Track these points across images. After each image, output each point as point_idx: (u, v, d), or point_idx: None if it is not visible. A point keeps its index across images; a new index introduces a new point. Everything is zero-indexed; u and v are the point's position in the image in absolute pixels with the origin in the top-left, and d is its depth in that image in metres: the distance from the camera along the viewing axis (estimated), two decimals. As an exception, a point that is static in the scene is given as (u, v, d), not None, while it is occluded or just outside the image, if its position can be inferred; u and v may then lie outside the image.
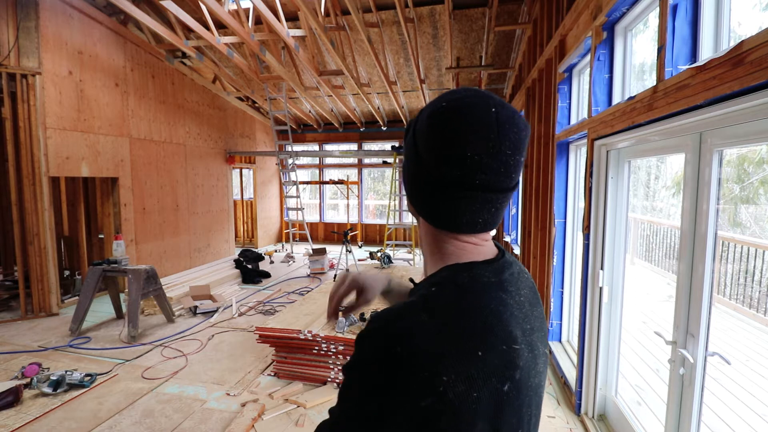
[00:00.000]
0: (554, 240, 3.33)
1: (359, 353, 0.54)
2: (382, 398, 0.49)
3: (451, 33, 5.71)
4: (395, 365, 0.49)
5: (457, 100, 0.57)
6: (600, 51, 2.37)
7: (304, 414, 2.70)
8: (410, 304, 0.55)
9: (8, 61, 4.32)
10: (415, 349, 0.49)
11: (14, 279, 5.52)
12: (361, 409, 0.52)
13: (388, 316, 0.54)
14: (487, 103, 0.56)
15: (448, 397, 0.48)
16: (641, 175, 10.60)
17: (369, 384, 0.51)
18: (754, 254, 4.57)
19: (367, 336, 0.53)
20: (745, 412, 2.67)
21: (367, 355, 0.52)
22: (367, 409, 0.51)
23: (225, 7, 4.66)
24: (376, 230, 10.10)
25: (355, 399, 0.53)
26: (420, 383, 0.48)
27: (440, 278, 0.59)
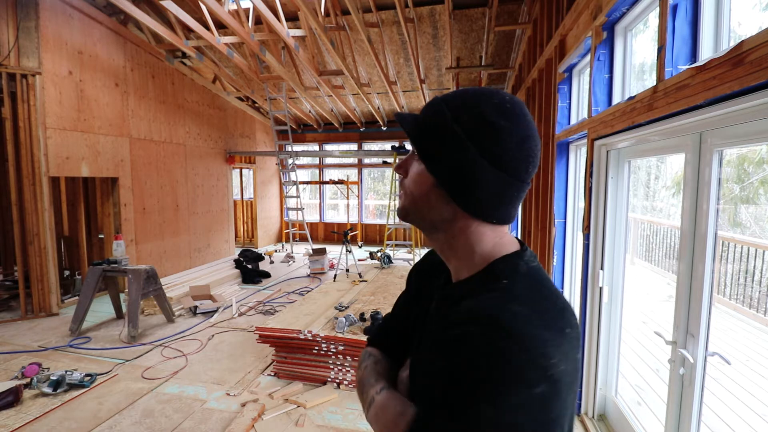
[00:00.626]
0: (554, 240, 3.32)
1: (467, 355, 0.51)
2: (500, 398, 0.50)
3: (451, 33, 5.71)
4: (507, 359, 0.50)
5: (512, 98, 0.62)
6: (600, 51, 2.37)
7: (304, 414, 2.70)
8: (494, 300, 0.56)
9: (8, 61, 4.32)
10: (522, 339, 0.51)
11: (14, 279, 5.52)
12: (479, 412, 0.50)
13: (480, 314, 0.54)
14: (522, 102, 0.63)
15: (555, 378, 0.51)
16: (641, 175, 10.60)
17: (485, 385, 0.50)
18: (754, 254, 4.57)
19: (468, 337, 0.52)
20: (745, 412, 2.67)
21: (475, 355, 0.51)
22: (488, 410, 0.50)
23: (225, 7, 4.66)
24: (376, 230, 10.10)
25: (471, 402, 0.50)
26: (534, 370, 0.50)
27: (501, 271, 0.61)
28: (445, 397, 0.52)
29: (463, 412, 0.50)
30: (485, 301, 0.56)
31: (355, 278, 5.03)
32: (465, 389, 0.51)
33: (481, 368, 0.50)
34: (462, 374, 0.51)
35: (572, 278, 3.35)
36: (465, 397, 0.51)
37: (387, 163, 9.74)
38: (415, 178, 0.65)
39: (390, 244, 8.61)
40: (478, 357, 0.51)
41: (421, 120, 0.64)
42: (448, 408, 0.52)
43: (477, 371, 0.50)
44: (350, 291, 4.27)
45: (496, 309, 0.54)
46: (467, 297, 0.60)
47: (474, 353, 0.51)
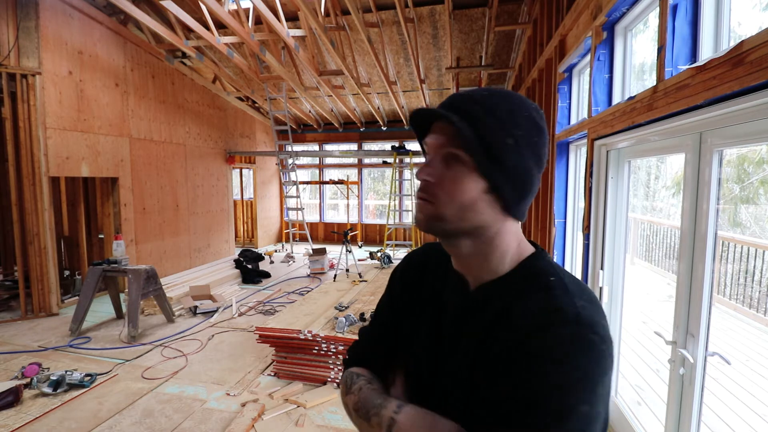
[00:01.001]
0: (554, 240, 3.32)
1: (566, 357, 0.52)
2: (594, 393, 0.52)
3: (451, 33, 5.71)
4: (598, 353, 0.52)
5: (534, 102, 0.64)
6: (600, 51, 2.37)
7: (304, 414, 2.70)
8: (563, 297, 0.56)
9: (8, 61, 4.32)
10: (600, 330, 0.54)
11: (14, 279, 5.52)
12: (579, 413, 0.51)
13: (564, 315, 0.54)
14: None
15: (612, 362, 0.54)
16: (641, 175, 10.60)
17: (584, 383, 0.52)
18: (754, 254, 4.57)
19: (561, 339, 0.53)
20: (745, 412, 2.67)
21: (574, 356, 0.52)
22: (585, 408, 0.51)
23: (225, 7, 4.66)
24: (376, 230, 10.10)
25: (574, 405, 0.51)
26: (609, 358, 0.53)
27: (542, 268, 0.62)
28: (547, 409, 0.51)
29: (566, 419, 0.50)
30: (556, 301, 0.56)
31: (355, 278, 5.03)
32: (569, 395, 0.51)
33: (582, 368, 0.51)
34: (568, 379, 0.51)
35: (572, 278, 3.34)
36: (569, 404, 0.51)
37: (387, 163, 9.74)
38: (459, 185, 0.59)
39: (390, 244, 8.61)
40: (580, 357, 0.52)
41: (473, 116, 0.58)
42: (550, 420, 0.50)
43: (579, 371, 0.51)
44: (350, 291, 4.27)
45: (572, 306, 0.55)
46: (518, 299, 0.59)
47: (574, 354, 0.52)
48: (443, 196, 0.60)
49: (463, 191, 0.59)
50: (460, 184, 0.59)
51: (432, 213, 0.61)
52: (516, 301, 0.59)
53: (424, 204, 0.62)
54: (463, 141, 0.59)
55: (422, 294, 0.75)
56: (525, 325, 0.55)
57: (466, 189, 0.59)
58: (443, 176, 0.60)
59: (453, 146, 0.60)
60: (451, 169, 0.60)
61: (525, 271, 0.63)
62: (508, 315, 0.58)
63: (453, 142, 0.60)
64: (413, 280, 0.78)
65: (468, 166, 0.59)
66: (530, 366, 0.52)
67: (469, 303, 0.66)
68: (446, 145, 0.61)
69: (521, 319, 0.56)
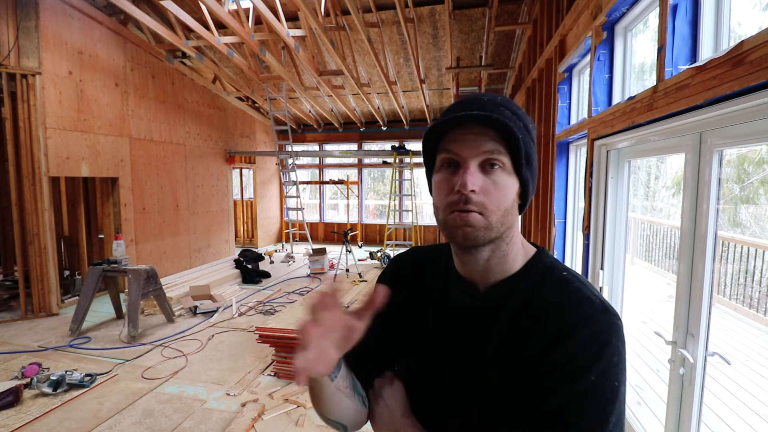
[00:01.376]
0: (554, 240, 3.32)
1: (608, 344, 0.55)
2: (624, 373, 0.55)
3: (451, 33, 5.71)
4: (622, 333, 0.57)
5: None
6: (600, 51, 2.37)
7: (304, 414, 2.70)
8: (584, 289, 0.60)
9: (8, 61, 4.32)
10: (617, 315, 0.58)
11: (14, 279, 5.52)
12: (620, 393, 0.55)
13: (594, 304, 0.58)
14: None
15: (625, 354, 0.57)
16: (641, 175, 10.60)
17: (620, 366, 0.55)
18: (754, 254, 4.57)
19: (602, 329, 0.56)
20: (745, 412, 2.67)
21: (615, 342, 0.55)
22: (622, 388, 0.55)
23: (225, 7, 4.66)
24: (376, 230, 10.10)
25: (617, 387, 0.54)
26: (624, 340, 0.57)
27: (552, 264, 0.65)
28: (601, 398, 0.53)
29: (614, 403, 0.54)
30: (581, 293, 0.59)
31: (355, 278, 5.04)
32: (614, 380, 0.54)
33: (619, 352, 0.55)
34: (610, 365, 0.54)
35: (572, 278, 3.34)
36: (614, 388, 0.54)
37: (387, 163, 9.74)
38: (505, 191, 0.59)
39: (390, 244, 8.60)
40: (617, 343, 0.55)
41: (511, 121, 0.58)
42: (606, 409, 0.53)
43: (617, 356, 0.55)
44: (350, 291, 4.27)
45: (596, 296, 0.59)
46: (538, 294, 0.61)
47: (613, 341, 0.55)
48: (491, 204, 0.59)
49: (507, 196, 0.60)
50: (504, 189, 0.59)
51: (483, 224, 0.59)
52: (537, 298, 0.60)
53: (471, 216, 0.58)
54: (510, 144, 0.59)
55: (419, 297, 0.73)
56: (562, 321, 0.57)
57: (509, 193, 0.60)
58: (486, 184, 0.59)
59: (497, 150, 0.59)
60: (490, 175, 0.59)
61: (536, 267, 0.64)
62: (534, 312, 0.59)
63: (494, 147, 0.59)
64: (406, 282, 0.76)
65: (506, 169, 0.60)
66: (575, 359, 0.54)
67: (482, 305, 0.65)
68: (488, 151, 0.59)
69: (555, 315, 0.58)
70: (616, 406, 0.54)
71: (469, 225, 0.58)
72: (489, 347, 0.62)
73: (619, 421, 0.54)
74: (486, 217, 0.59)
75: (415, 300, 0.74)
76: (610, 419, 0.53)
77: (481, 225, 0.59)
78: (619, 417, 0.54)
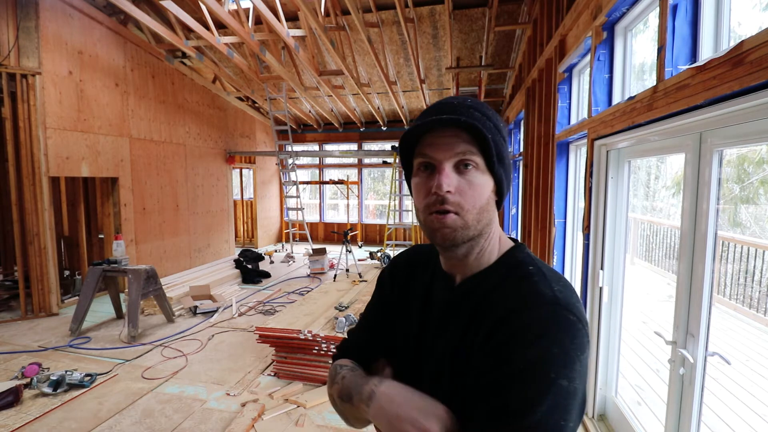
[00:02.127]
0: (554, 240, 3.32)
1: (547, 334, 0.55)
2: (572, 368, 0.54)
3: (451, 33, 5.71)
4: (575, 331, 0.56)
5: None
6: (600, 51, 2.37)
7: (304, 414, 2.70)
8: (542, 282, 0.60)
9: (8, 61, 4.32)
10: (576, 311, 0.57)
11: (14, 279, 5.52)
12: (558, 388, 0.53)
13: (542, 297, 0.58)
14: None
15: (589, 343, 0.58)
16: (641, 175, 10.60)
17: (563, 359, 0.54)
18: (754, 254, 4.57)
19: (541, 319, 0.56)
20: (745, 412, 2.67)
21: (553, 333, 0.55)
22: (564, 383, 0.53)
23: (225, 7, 4.66)
24: (376, 230, 10.10)
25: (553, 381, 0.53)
26: (586, 336, 0.57)
27: (522, 259, 0.66)
28: (528, 383, 0.53)
29: (546, 393, 0.52)
30: (536, 286, 0.59)
31: (355, 278, 5.03)
32: (548, 369, 0.53)
33: (560, 343, 0.54)
34: (546, 353, 0.54)
35: (572, 278, 3.35)
36: (548, 377, 0.53)
37: (387, 163, 9.74)
38: (480, 189, 0.62)
39: (390, 244, 8.60)
40: (556, 333, 0.55)
41: (488, 123, 0.62)
42: (532, 394, 0.52)
43: (557, 347, 0.54)
44: (350, 291, 4.27)
45: (550, 290, 0.58)
46: (499, 287, 0.63)
47: (552, 331, 0.55)
48: (466, 203, 0.61)
49: (481, 194, 0.62)
50: (478, 187, 0.62)
51: (460, 223, 0.61)
52: (496, 289, 0.63)
53: (448, 217, 0.61)
54: (481, 144, 0.61)
55: (411, 292, 0.78)
56: (505, 308, 0.59)
57: (484, 191, 0.63)
58: (461, 184, 0.62)
59: (469, 151, 0.61)
60: (465, 175, 0.62)
61: (506, 262, 0.66)
62: (489, 302, 0.62)
63: (467, 148, 0.61)
64: (402, 280, 0.81)
65: (480, 168, 0.62)
66: (510, 344, 0.55)
67: (454, 297, 0.69)
68: (461, 152, 0.61)
69: (501, 303, 0.60)
70: (549, 398, 0.52)
71: (447, 226, 0.61)
72: (454, 338, 0.65)
73: (563, 418, 0.52)
74: (462, 217, 0.61)
75: (408, 295, 0.79)
76: (538, 409, 0.51)
77: (458, 225, 0.61)
78: (564, 412, 0.52)
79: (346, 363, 0.79)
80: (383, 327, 0.81)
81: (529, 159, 4.13)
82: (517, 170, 6.00)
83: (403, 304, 0.79)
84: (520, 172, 4.94)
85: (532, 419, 0.51)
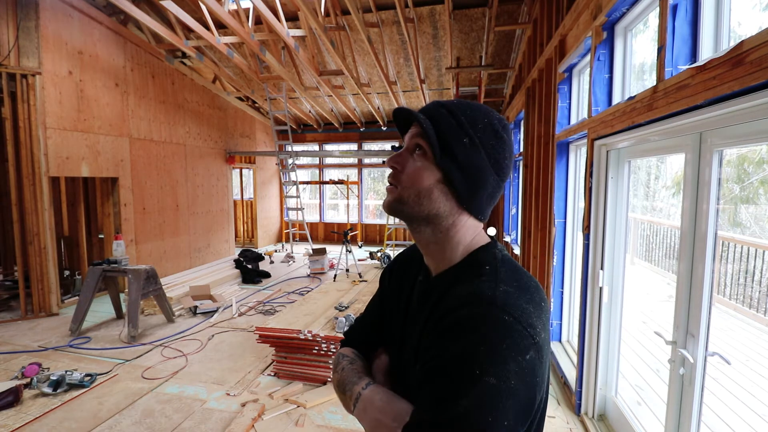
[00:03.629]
0: (554, 240, 3.32)
1: (475, 332, 0.56)
2: (502, 366, 0.54)
3: (451, 33, 5.71)
4: (508, 331, 0.56)
5: (500, 116, 0.72)
6: (600, 51, 2.37)
7: (304, 414, 2.70)
8: (487, 282, 0.63)
9: (8, 61, 4.32)
10: (515, 313, 0.58)
11: (14, 279, 5.52)
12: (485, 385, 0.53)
13: (480, 296, 0.60)
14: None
15: (539, 345, 0.58)
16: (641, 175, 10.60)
17: (491, 358, 0.54)
18: (754, 254, 4.57)
19: (473, 317, 0.58)
20: (745, 412, 2.67)
21: (483, 331, 0.56)
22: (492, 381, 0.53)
23: (225, 7, 4.66)
24: (376, 230, 10.10)
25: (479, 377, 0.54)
26: (526, 339, 0.57)
27: (483, 259, 0.69)
28: (452, 376, 0.55)
29: (470, 387, 0.53)
30: (480, 285, 0.62)
31: (355, 278, 5.03)
32: (473, 365, 0.54)
33: (488, 341, 0.55)
34: (472, 350, 0.55)
35: (572, 278, 3.35)
36: (473, 373, 0.54)
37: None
38: (419, 172, 0.68)
39: (390, 244, 8.60)
40: (486, 332, 0.56)
41: (437, 117, 0.68)
42: (455, 387, 0.54)
43: (484, 345, 0.55)
44: (350, 291, 4.27)
45: (491, 290, 0.61)
46: (455, 284, 0.66)
47: (481, 329, 0.56)
48: (406, 181, 0.69)
49: (422, 178, 0.68)
50: (420, 171, 0.68)
51: (396, 196, 0.69)
52: (452, 287, 0.66)
53: (390, 188, 0.71)
54: (425, 135, 0.68)
55: (402, 286, 0.85)
56: (448, 305, 0.62)
57: (424, 176, 0.68)
58: (408, 165, 0.69)
59: (417, 137, 0.69)
60: (415, 160, 0.69)
61: (470, 260, 0.70)
62: (444, 298, 0.66)
63: (420, 136, 0.69)
64: (398, 276, 0.88)
65: (428, 158, 0.68)
66: (443, 337, 0.59)
67: (426, 289, 0.74)
68: (413, 136, 0.70)
69: (449, 300, 0.64)
70: (474, 393, 0.52)
71: (389, 193, 0.71)
72: (418, 331, 0.71)
73: (492, 416, 0.52)
74: (400, 192, 0.69)
75: (400, 289, 0.85)
76: (461, 402, 0.53)
77: (395, 197, 0.69)
78: (493, 410, 0.53)
79: (348, 354, 0.86)
80: (381, 320, 0.89)
81: (529, 159, 4.13)
82: (517, 170, 6.00)
83: (395, 297, 0.86)
84: (520, 172, 4.94)
85: (455, 411, 0.53)
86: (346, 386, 0.77)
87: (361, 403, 0.71)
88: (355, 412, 0.72)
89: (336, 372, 0.83)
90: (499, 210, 7.90)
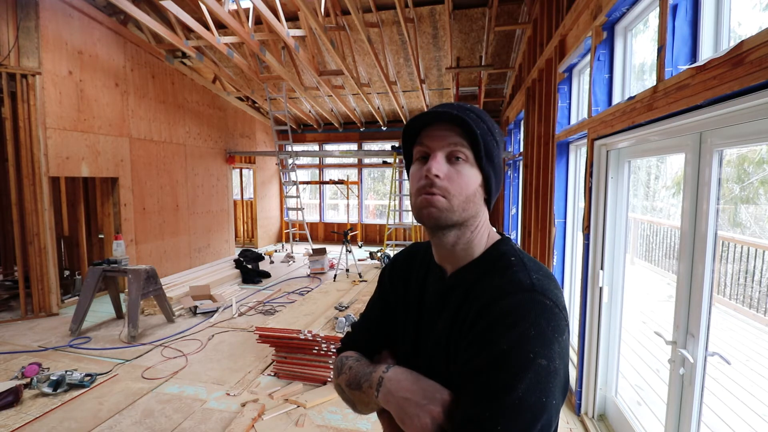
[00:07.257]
0: (554, 240, 3.32)
1: (526, 318, 0.59)
2: (549, 348, 0.58)
3: (451, 33, 5.71)
4: (552, 315, 0.60)
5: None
6: (600, 51, 2.37)
7: (304, 414, 2.70)
8: (521, 272, 0.65)
9: (8, 61, 4.32)
10: (553, 298, 0.62)
11: (14, 279, 5.52)
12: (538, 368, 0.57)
13: (522, 284, 0.63)
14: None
15: (568, 324, 0.63)
16: (641, 175, 10.60)
17: (541, 340, 0.58)
18: (754, 254, 4.57)
19: (521, 304, 0.61)
20: (745, 412, 2.67)
21: (532, 316, 0.59)
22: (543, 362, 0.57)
23: (225, 7, 4.66)
24: (376, 230, 10.10)
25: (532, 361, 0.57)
26: (563, 320, 0.62)
27: (505, 252, 0.71)
28: (508, 364, 0.57)
29: (526, 371, 0.56)
30: (516, 275, 0.65)
31: (355, 278, 5.03)
32: (528, 349, 0.57)
33: (538, 325, 0.58)
34: (526, 335, 0.58)
35: (572, 278, 3.35)
36: (527, 357, 0.57)
37: (387, 163, 9.74)
38: (468, 180, 0.68)
39: (390, 244, 8.60)
40: (535, 317, 0.59)
41: (481, 124, 0.69)
42: (512, 375, 0.56)
43: (534, 329, 0.58)
44: (350, 291, 4.27)
45: (527, 279, 0.64)
46: (483, 278, 0.68)
47: (531, 315, 0.59)
48: (453, 189, 0.67)
49: (468, 184, 0.68)
50: (465, 177, 0.68)
51: (446, 206, 0.67)
52: (480, 280, 0.68)
53: (435, 198, 0.67)
54: (471, 140, 0.68)
55: (408, 286, 0.84)
56: (487, 297, 0.64)
57: (471, 182, 0.68)
58: (450, 172, 0.68)
59: (460, 143, 0.68)
60: (455, 165, 0.68)
61: (492, 254, 0.72)
62: (474, 292, 0.67)
63: (458, 141, 0.68)
64: (400, 276, 0.87)
65: (469, 161, 0.68)
66: (491, 329, 0.60)
67: (444, 288, 0.74)
68: (453, 144, 0.68)
69: (484, 293, 0.65)
70: (529, 376, 0.56)
71: (434, 206, 0.67)
72: (445, 327, 0.71)
73: (545, 395, 0.56)
74: (449, 201, 0.67)
75: (406, 288, 0.85)
76: (519, 386, 0.55)
77: (444, 207, 0.67)
78: (545, 390, 0.56)
79: (352, 354, 0.84)
80: (384, 321, 0.87)
81: (529, 159, 4.13)
82: (517, 170, 6.00)
83: (401, 298, 0.84)
84: (520, 172, 4.94)
85: (514, 396, 0.55)
86: (361, 379, 0.74)
87: (386, 385, 0.68)
88: (380, 396, 0.69)
89: (343, 373, 0.79)
90: (499, 210, 7.90)
